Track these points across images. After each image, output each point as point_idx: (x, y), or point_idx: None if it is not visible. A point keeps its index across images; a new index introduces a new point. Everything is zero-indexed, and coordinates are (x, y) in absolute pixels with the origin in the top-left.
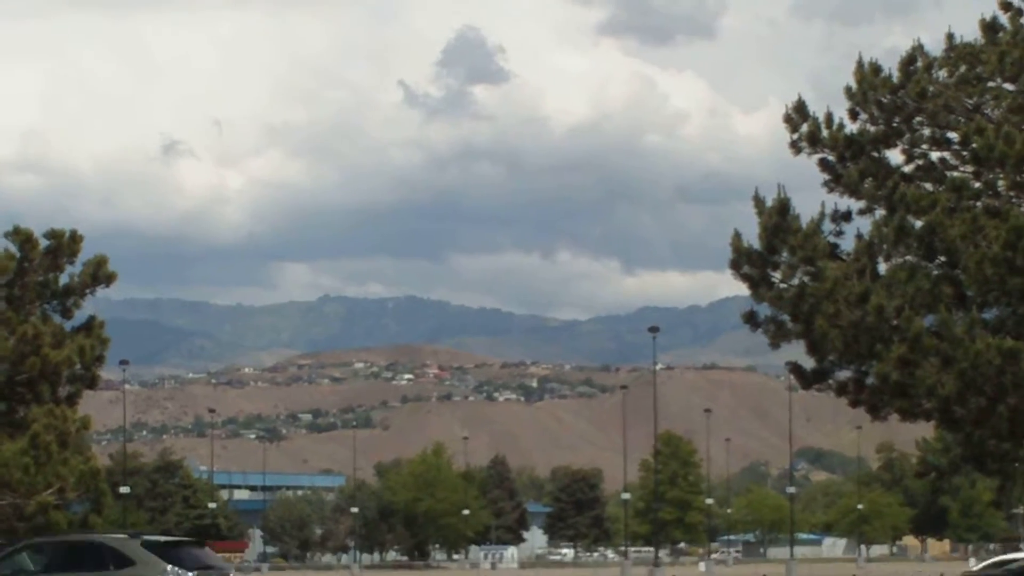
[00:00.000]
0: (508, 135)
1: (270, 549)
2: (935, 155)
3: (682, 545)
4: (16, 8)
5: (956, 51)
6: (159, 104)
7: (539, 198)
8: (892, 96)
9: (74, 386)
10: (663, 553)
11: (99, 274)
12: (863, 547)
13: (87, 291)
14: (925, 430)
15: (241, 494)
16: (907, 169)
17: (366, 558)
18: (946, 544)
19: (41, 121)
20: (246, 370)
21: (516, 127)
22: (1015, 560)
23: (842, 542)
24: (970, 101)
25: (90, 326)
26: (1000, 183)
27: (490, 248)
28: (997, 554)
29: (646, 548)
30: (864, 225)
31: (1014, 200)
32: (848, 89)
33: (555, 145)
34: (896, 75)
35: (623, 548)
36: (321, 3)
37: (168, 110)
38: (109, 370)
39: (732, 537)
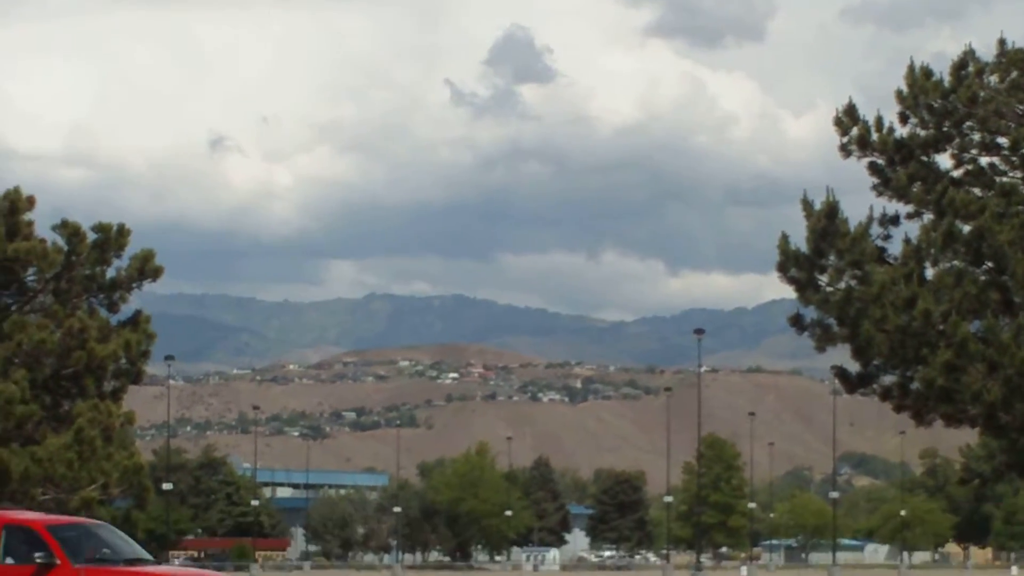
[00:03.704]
0: (555, 135)
1: (312, 548)
2: (984, 160)
3: (724, 549)
4: (66, 5)
5: (1008, 56)
6: (207, 100)
7: (586, 198)
8: (943, 101)
9: (119, 381)
10: (705, 557)
11: (146, 268)
12: (905, 554)
13: (134, 285)
14: (969, 436)
15: (284, 492)
16: (956, 174)
17: (408, 558)
18: (988, 552)
19: (90, 116)
20: (291, 367)
21: (563, 127)
22: None
23: (884, 548)
24: (1021, 107)
25: (136, 320)
26: None
27: (537, 248)
28: None
29: (688, 551)
30: (912, 229)
31: None
32: (899, 93)
33: (602, 145)
34: (947, 80)
35: (665, 551)
36: (369, 2)
37: (216, 106)
38: (154, 365)
39: (775, 542)
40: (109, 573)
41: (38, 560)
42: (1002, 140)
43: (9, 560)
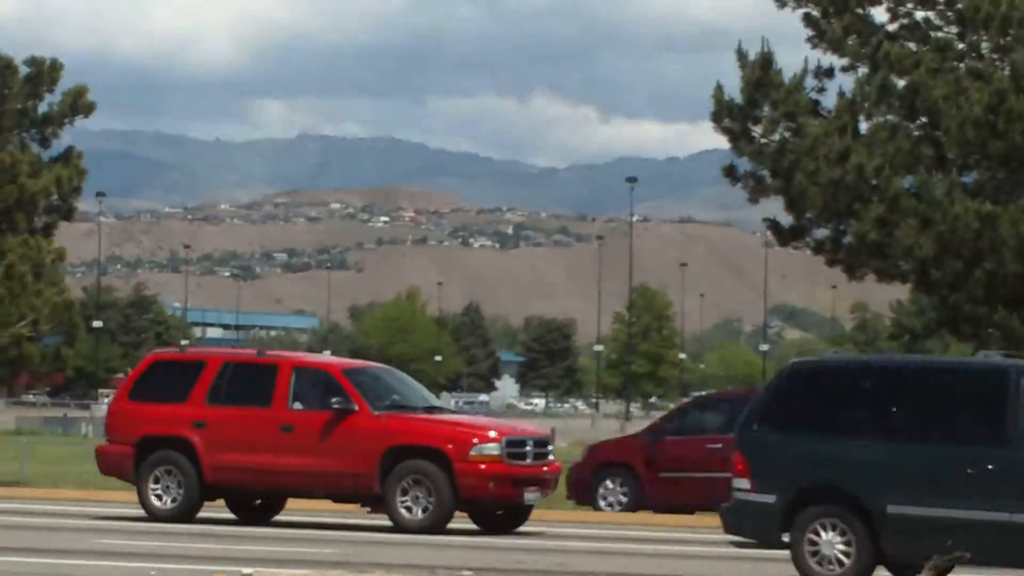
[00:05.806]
0: None
1: None
2: (920, 14)
3: (653, 399)
4: None
5: None
6: None
7: (518, 43)
8: None
9: (50, 217)
10: (634, 406)
11: (78, 104)
12: None
13: (66, 121)
14: (900, 292)
15: (214, 332)
16: (891, 28)
17: None
18: None
19: None
20: (222, 206)
21: None
22: None
23: None
24: None
25: (68, 156)
26: (984, 45)
27: (467, 91)
28: None
29: (617, 400)
30: (847, 83)
31: (998, 63)
32: None
33: None
34: None
35: (594, 400)
36: None
37: None
38: (85, 202)
39: (704, 392)
40: (409, 421)
41: (335, 406)
42: None
43: (298, 406)
